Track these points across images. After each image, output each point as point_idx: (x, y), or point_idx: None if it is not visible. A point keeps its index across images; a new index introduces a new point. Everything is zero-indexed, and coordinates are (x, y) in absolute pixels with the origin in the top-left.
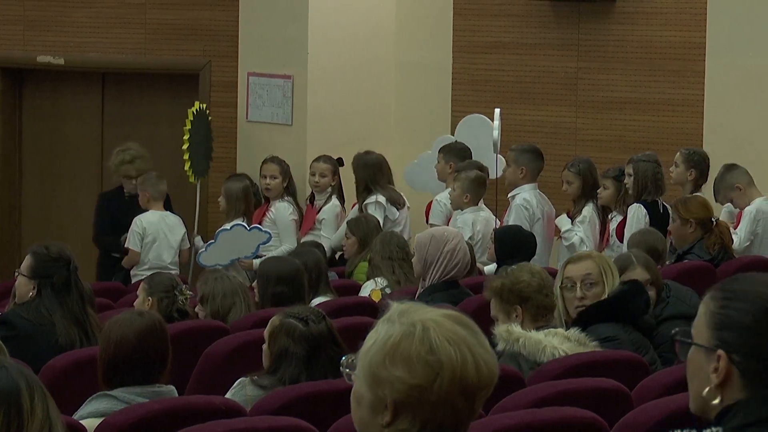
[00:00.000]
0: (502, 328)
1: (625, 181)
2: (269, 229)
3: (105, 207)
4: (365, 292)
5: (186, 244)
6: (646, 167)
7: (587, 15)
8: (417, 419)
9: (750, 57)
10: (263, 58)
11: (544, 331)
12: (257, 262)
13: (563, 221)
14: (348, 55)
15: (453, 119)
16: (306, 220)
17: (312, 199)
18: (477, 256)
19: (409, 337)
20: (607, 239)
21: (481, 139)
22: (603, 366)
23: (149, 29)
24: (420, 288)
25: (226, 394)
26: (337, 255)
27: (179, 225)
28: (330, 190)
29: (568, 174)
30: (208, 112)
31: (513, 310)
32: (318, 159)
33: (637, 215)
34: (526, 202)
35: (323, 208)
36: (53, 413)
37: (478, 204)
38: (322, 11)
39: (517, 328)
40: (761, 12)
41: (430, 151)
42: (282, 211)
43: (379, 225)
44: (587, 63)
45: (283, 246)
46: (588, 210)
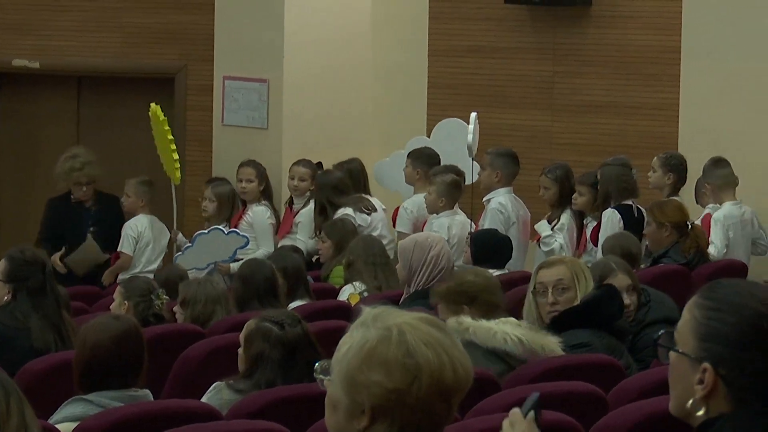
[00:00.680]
0: (451, 320)
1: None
2: (246, 233)
3: (50, 212)
4: (344, 296)
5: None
6: (610, 171)
7: (563, 19)
8: (395, 423)
9: (725, 60)
10: (239, 61)
11: (494, 321)
12: (235, 266)
13: (543, 226)
14: (324, 59)
15: (429, 123)
16: (284, 223)
17: (291, 203)
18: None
19: (386, 341)
20: (585, 245)
21: (458, 143)
22: (579, 370)
23: (125, 33)
24: (405, 294)
25: (202, 398)
26: (314, 258)
27: (165, 229)
28: (309, 194)
29: (545, 180)
30: (160, 113)
31: (461, 310)
32: (297, 163)
33: (612, 220)
34: (501, 206)
35: (301, 211)
36: (29, 417)
37: (453, 208)
38: (298, 15)
39: (467, 318)
40: (736, 15)
41: (402, 151)
42: (259, 215)
43: (355, 229)
44: (563, 67)
45: (261, 249)
46: (566, 217)
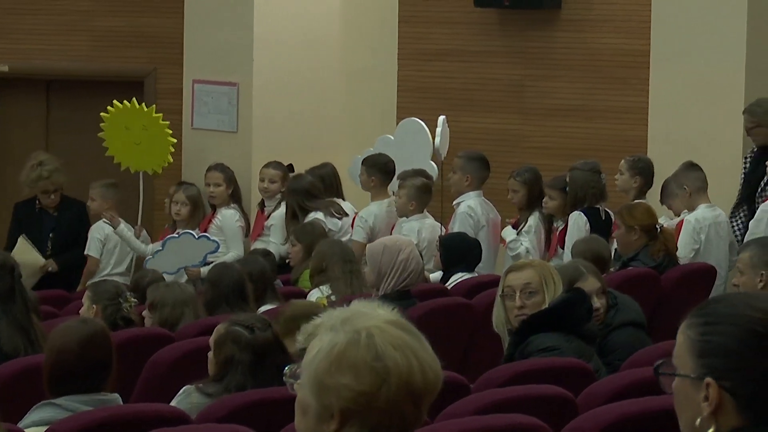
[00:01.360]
0: (299, 335)
1: (567, 189)
2: (216, 236)
3: (16, 217)
4: (311, 299)
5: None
6: (578, 176)
7: (533, 23)
8: (364, 426)
9: (694, 64)
10: (208, 65)
11: None
12: (204, 270)
13: (508, 232)
14: (293, 62)
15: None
16: (256, 226)
17: (262, 205)
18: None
19: (355, 345)
20: (553, 248)
21: (418, 144)
22: (548, 373)
23: (94, 36)
24: (373, 298)
25: (171, 401)
26: (287, 261)
27: (133, 231)
28: (279, 196)
29: (514, 183)
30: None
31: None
32: (267, 165)
33: (578, 223)
34: (470, 209)
35: (272, 213)
36: None
37: (423, 211)
38: (267, 18)
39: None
40: (705, 20)
41: (372, 149)
42: (229, 218)
43: (326, 233)
44: (533, 70)
45: (231, 253)
46: (533, 219)
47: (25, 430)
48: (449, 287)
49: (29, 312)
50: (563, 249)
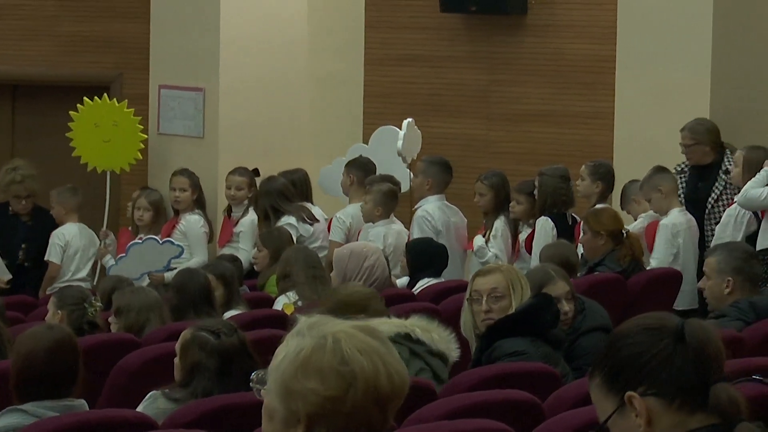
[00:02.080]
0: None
1: (535, 194)
2: (179, 242)
3: None
4: (278, 306)
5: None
6: (547, 182)
7: (499, 28)
8: (331, 431)
9: (660, 70)
10: (175, 70)
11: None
12: (168, 276)
13: (477, 240)
14: (260, 68)
15: (365, 131)
16: (223, 232)
17: (229, 211)
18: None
19: (321, 349)
20: (518, 251)
21: (393, 152)
22: (515, 378)
23: (60, 42)
24: None
25: (137, 407)
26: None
27: (95, 237)
28: (247, 202)
29: (480, 186)
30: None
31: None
32: (233, 172)
33: (545, 228)
34: (427, 213)
35: (241, 220)
36: None
37: (389, 217)
38: (233, 23)
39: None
40: (670, 25)
41: (343, 158)
42: (193, 224)
43: (292, 238)
44: (499, 76)
45: (195, 258)
46: (499, 223)
47: None
48: (416, 292)
49: None
50: (530, 254)
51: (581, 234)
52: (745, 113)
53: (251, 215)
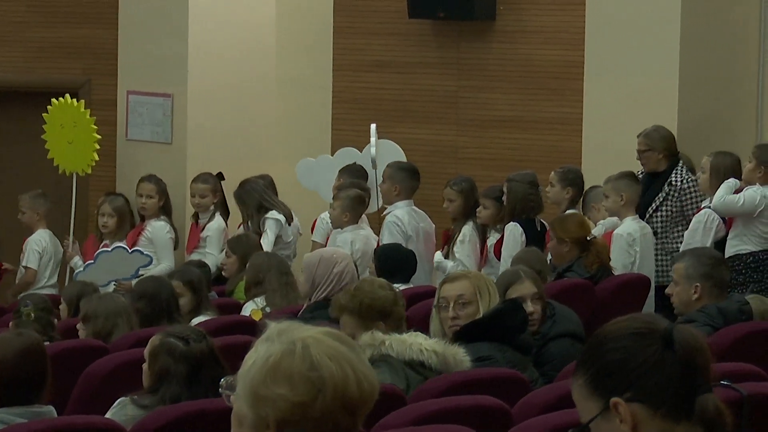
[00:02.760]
0: (366, 335)
1: (503, 200)
2: (145, 248)
3: None
4: (246, 312)
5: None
6: (516, 188)
7: (467, 34)
8: None
9: (628, 75)
10: (143, 76)
11: (406, 334)
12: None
13: (436, 256)
14: (228, 74)
15: (333, 137)
16: (191, 238)
17: (197, 217)
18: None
19: (290, 355)
20: (486, 257)
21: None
22: (484, 383)
23: (28, 47)
24: (304, 307)
25: (106, 413)
26: (222, 272)
27: (59, 244)
28: (213, 207)
29: (450, 192)
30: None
31: (375, 326)
32: (196, 179)
33: (514, 234)
34: (397, 219)
35: (207, 225)
36: None
37: (357, 222)
38: (202, 29)
39: (378, 333)
40: (638, 31)
41: (330, 156)
42: (159, 230)
43: (260, 243)
44: (467, 81)
45: (161, 265)
46: (467, 229)
47: None
48: None
49: None
50: (498, 260)
51: (550, 240)
52: (713, 119)
53: (218, 220)
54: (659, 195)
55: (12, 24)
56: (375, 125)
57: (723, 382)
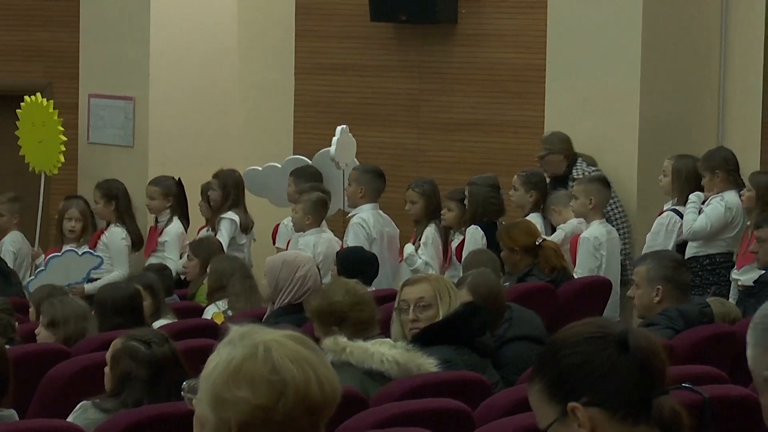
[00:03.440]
0: (329, 340)
1: (466, 203)
2: (102, 253)
3: None
4: (207, 315)
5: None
6: (477, 191)
7: (429, 37)
8: None
9: (589, 79)
10: (104, 79)
11: (370, 341)
12: (88, 287)
13: (407, 248)
14: (190, 77)
15: (296, 140)
16: (149, 241)
17: (156, 220)
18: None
19: (252, 358)
20: (450, 260)
21: (335, 173)
22: (446, 386)
23: None
24: (268, 311)
25: (68, 417)
26: (183, 277)
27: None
28: (168, 211)
29: (412, 194)
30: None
31: (331, 331)
32: (150, 182)
33: (475, 237)
34: (363, 221)
35: (165, 229)
36: None
37: (320, 226)
38: (164, 33)
39: (343, 338)
40: (600, 34)
41: (277, 164)
42: (114, 236)
43: (222, 247)
44: (429, 85)
45: (114, 272)
46: (430, 231)
47: None
48: None
49: None
50: (460, 262)
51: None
52: (674, 122)
53: (175, 224)
54: None
55: None
56: (341, 127)
57: (685, 384)
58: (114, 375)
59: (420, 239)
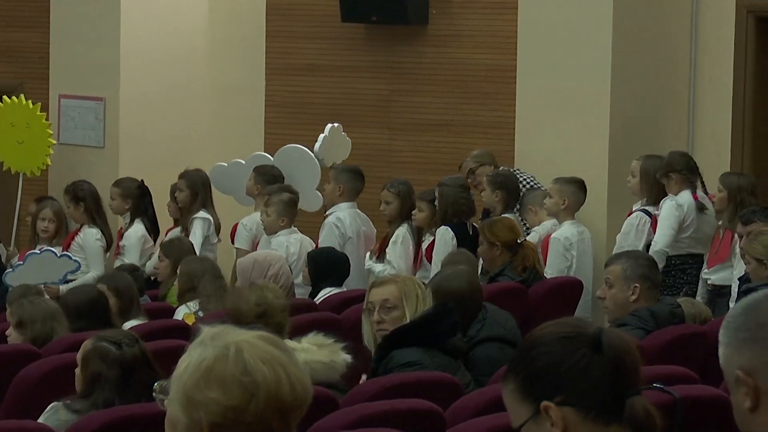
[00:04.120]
0: None
1: (437, 205)
2: (77, 254)
3: None
4: (178, 316)
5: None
6: (447, 191)
7: (400, 38)
8: None
9: (560, 79)
10: (75, 80)
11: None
12: (63, 288)
13: (366, 260)
14: (161, 77)
15: (266, 141)
16: (117, 243)
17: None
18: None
19: (223, 359)
20: (420, 260)
21: (301, 169)
22: (417, 387)
23: None
24: None
25: (38, 418)
26: (152, 277)
27: (2, 247)
28: (128, 215)
29: (387, 194)
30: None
31: None
32: (113, 183)
33: (445, 238)
34: (338, 220)
35: (126, 233)
36: None
37: (290, 226)
38: (134, 33)
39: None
40: (570, 35)
41: (242, 161)
42: (89, 237)
43: (193, 248)
44: (400, 85)
45: (90, 272)
46: (402, 230)
47: None
48: (318, 302)
49: None
50: (429, 263)
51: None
52: (645, 123)
53: (135, 227)
54: None
55: None
56: (330, 125)
57: (655, 384)
58: (84, 376)
59: (390, 238)
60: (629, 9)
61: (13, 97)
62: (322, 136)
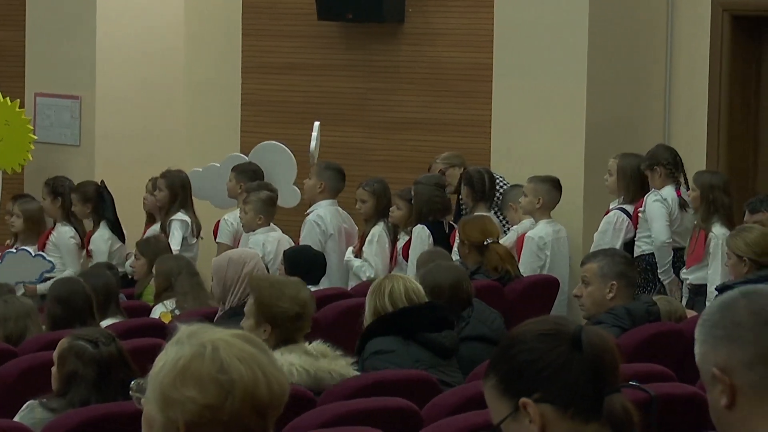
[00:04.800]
0: None
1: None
2: (52, 252)
3: None
4: (155, 314)
5: None
6: (422, 190)
7: (376, 36)
8: None
9: (536, 78)
10: (51, 78)
11: (281, 349)
12: (41, 287)
13: (347, 253)
14: (137, 76)
15: (243, 139)
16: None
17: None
18: None
19: (200, 357)
20: (395, 258)
21: (277, 166)
22: (393, 385)
23: None
24: (220, 311)
25: (14, 417)
26: (130, 276)
27: None
28: (92, 218)
29: (362, 192)
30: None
31: (263, 325)
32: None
33: (420, 236)
34: (319, 218)
35: (92, 237)
36: None
37: (269, 224)
38: (110, 31)
39: None
40: (547, 34)
41: (217, 163)
42: (63, 235)
43: (168, 246)
44: (376, 84)
45: (67, 270)
46: (378, 229)
47: None
48: None
49: None
50: (406, 261)
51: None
52: (621, 121)
53: (101, 231)
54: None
55: None
56: (318, 123)
57: (632, 382)
58: (61, 374)
59: (366, 237)
60: (605, 8)
61: None
62: (314, 135)
